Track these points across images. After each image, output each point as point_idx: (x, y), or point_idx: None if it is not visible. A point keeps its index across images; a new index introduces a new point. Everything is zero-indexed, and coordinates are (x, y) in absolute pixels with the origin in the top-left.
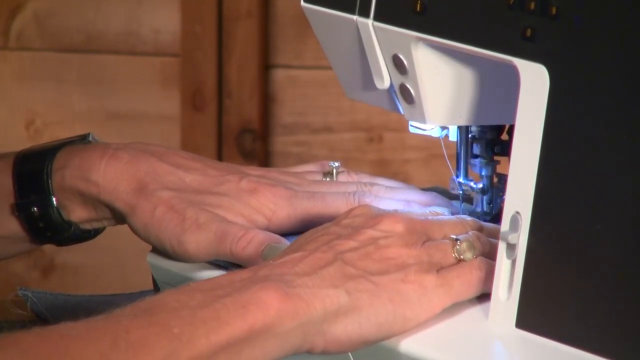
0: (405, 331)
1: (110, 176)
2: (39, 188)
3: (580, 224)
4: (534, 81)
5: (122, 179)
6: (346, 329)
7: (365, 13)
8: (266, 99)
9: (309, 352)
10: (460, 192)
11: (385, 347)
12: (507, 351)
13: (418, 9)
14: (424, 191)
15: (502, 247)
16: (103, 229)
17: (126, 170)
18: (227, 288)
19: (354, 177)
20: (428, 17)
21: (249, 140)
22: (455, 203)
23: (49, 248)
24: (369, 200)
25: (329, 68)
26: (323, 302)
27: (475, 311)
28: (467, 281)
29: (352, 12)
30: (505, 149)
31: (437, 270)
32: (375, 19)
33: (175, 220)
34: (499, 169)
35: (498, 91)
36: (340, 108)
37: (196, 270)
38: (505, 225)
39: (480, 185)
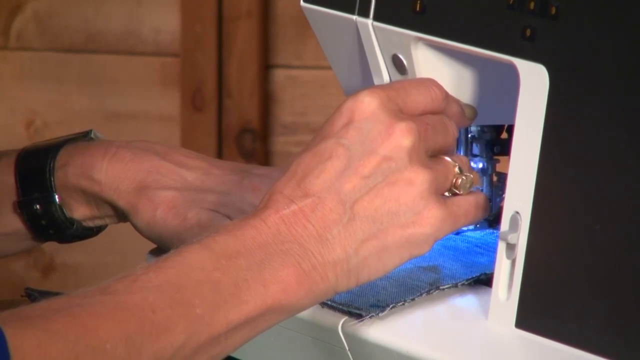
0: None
1: (112, 174)
2: (41, 186)
3: (580, 224)
4: (533, 81)
5: (124, 178)
6: (357, 282)
7: (364, 13)
8: (266, 99)
9: None
10: None
11: (385, 347)
12: (507, 351)
13: (418, 9)
14: None
15: (502, 247)
16: (105, 226)
17: (128, 169)
18: (249, 256)
19: None
20: (428, 17)
21: (249, 140)
22: None
23: (49, 248)
24: None
25: (329, 68)
26: (334, 270)
27: (475, 311)
28: (470, 219)
29: (352, 12)
30: (504, 148)
31: (442, 195)
32: (375, 19)
33: (176, 221)
34: (499, 168)
35: (498, 91)
36: None
37: None
38: (505, 225)
39: (481, 165)
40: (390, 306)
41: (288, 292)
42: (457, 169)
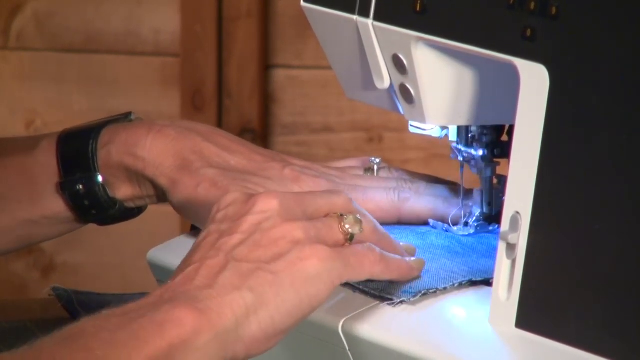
0: (314, 310)
1: (156, 152)
2: (84, 166)
3: (580, 224)
4: (534, 81)
5: (167, 155)
6: (260, 327)
7: (365, 13)
8: (266, 99)
9: None
10: (461, 159)
11: (385, 347)
12: (507, 351)
13: (418, 9)
14: (466, 189)
15: (502, 247)
16: (145, 207)
17: (172, 147)
18: (139, 310)
19: (395, 174)
20: (428, 17)
21: (249, 140)
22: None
23: (49, 248)
24: (408, 195)
25: (329, 68)
26: (231, 308)
27: (475, 311)
28: (360, 260)
29: (352, 12)
30: (505, 150)
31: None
32: (375, 19)
33: (218, 197)
34: (499, 170)
35: (498, 91)
36: (340, 108)
37: None
38: (505, 225)
39: (481, 153)
40: (422, 292)
41: (187, 328)
42: (338, 219)
